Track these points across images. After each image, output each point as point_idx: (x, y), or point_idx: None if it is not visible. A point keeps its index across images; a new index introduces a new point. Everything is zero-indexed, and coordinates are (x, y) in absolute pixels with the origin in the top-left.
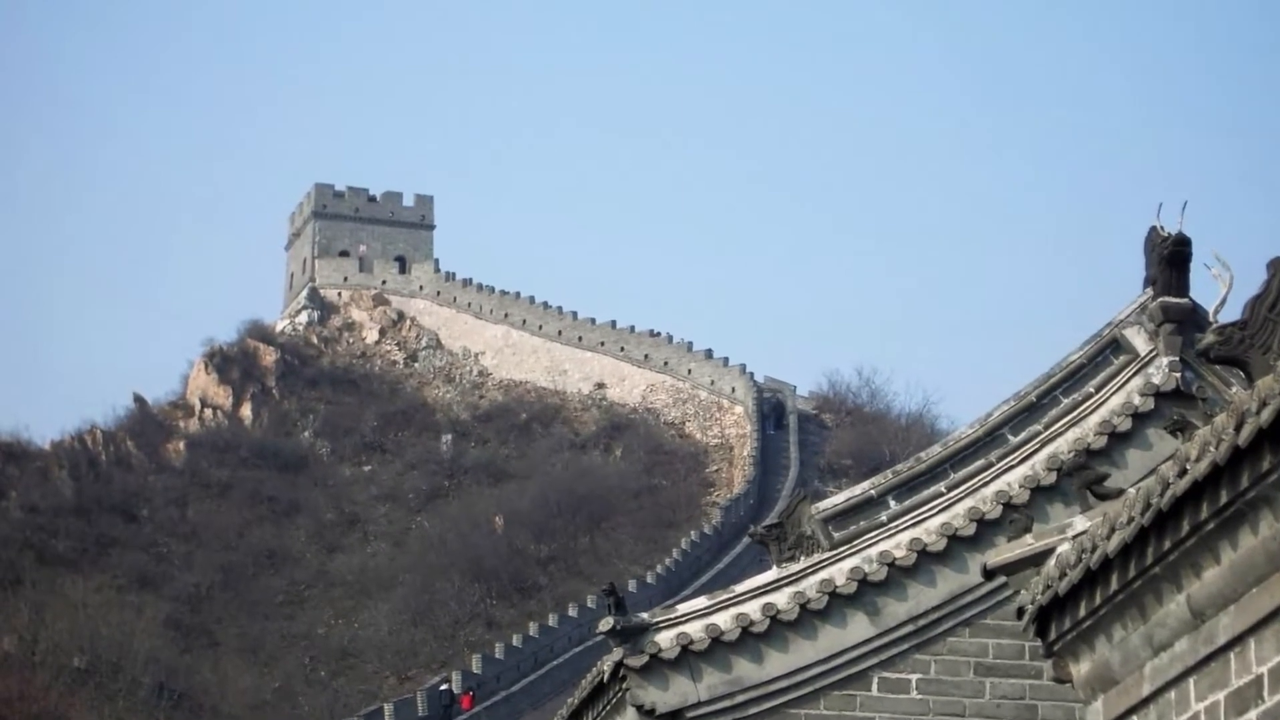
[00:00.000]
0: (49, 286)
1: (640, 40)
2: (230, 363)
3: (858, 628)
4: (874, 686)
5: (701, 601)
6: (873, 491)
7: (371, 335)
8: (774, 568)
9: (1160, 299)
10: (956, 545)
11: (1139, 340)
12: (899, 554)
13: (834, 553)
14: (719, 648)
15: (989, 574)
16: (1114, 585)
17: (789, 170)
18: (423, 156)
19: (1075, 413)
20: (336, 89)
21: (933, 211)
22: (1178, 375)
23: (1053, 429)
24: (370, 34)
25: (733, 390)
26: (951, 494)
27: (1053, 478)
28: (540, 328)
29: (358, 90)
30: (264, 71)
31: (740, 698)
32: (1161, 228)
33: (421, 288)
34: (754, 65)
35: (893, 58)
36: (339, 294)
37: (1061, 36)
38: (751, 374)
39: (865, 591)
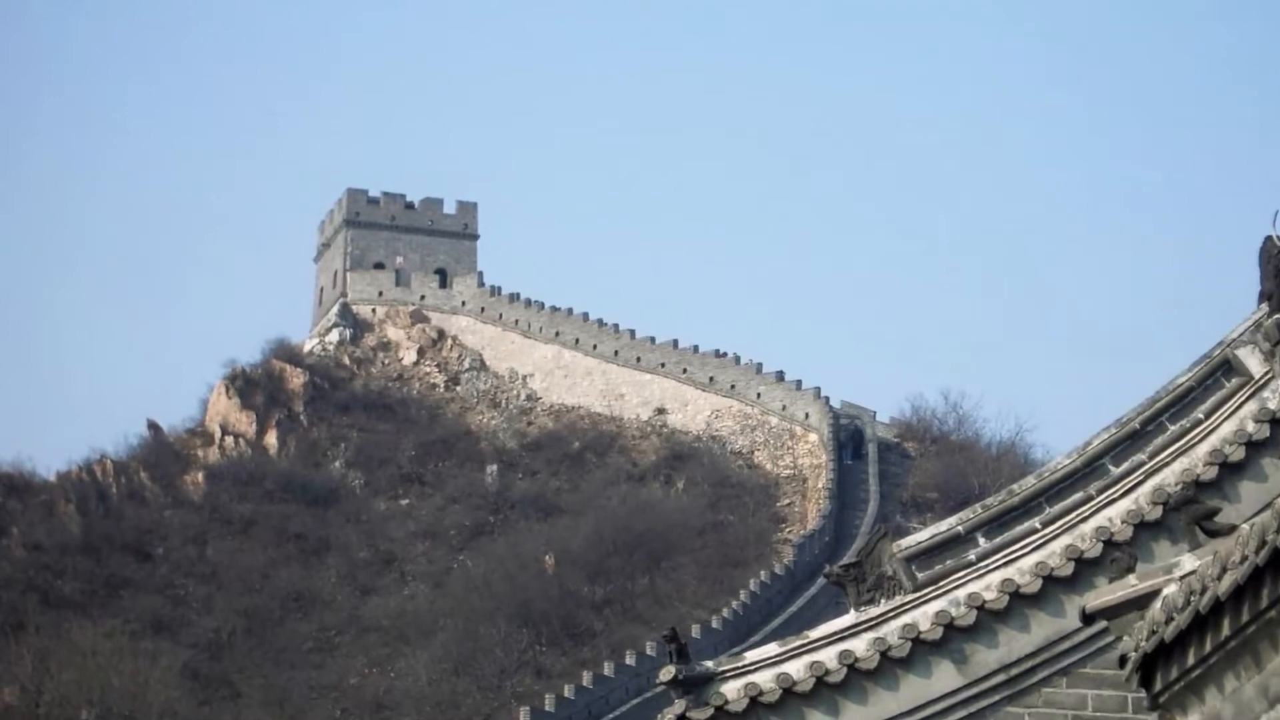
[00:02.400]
0: (55, 302)
1: (710, 38)
2: (254, 386)
3: (944, 677)
4: None
5: (772, 648)
6: (960, 528)
7: (409, 356)
8: (851, 611)
9: (1277, 315)
10: (1052, 587)
11: (1253, 361)
12: (989, 596)
13: (918, 595)
14: (791, 699)
15: (1088, 618)
16: (1226, 631)
17: (870, 181)
18: (465, 159)
19: (1183, 441)
20: (370, 86)
21: (1026, 223)
22: None
23: (1158, 459)
24: (406, 27)
25: (806, 416)
26: (1047, 530)
27: (1158, 512)
28: (595, 347)
29: (394, 87)
30: (291, 68)
31: None
32: (1277, 238)
33: (464, 303)
34: (831, 70)
35: (985, 63)
36: (373, 310)
37: (1164, 37)
38: (827, 398)
39: (952, 638)
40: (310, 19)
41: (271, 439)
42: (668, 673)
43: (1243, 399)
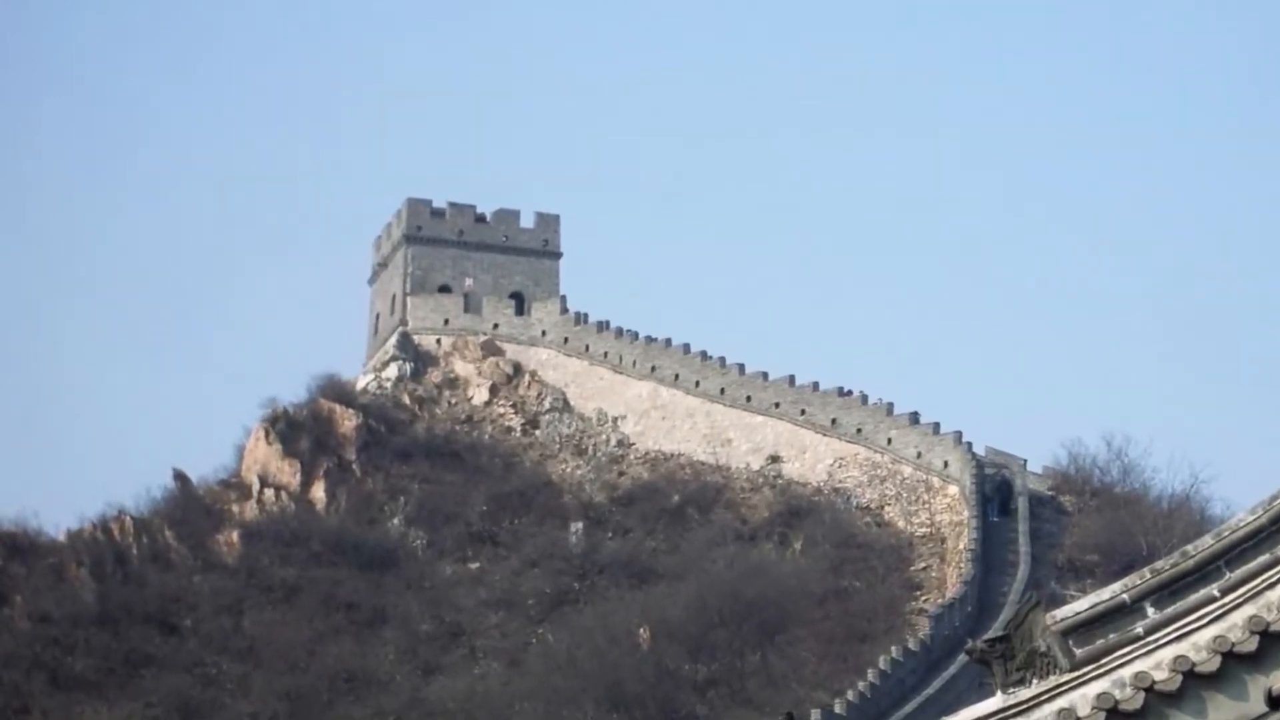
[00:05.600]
0: (65, 331)
1: (827, 31)
2: (298, 430)
3: None
4: None
5: None
6: (1125, 596)
7: (480, 394)
8: (998, 694)
9: None
10: (1233, 665)
11: None
12: (1159, 676)
13: (1076, 675)
14: None
15: (1275, 701)
16: None
17: (1016, 192)
18: (544, 164)
19: None
20: (432, 81)
21: (1203, 242)
22: None
23: None
24: (473, 18)
25: (945, 465)
26: (1227, 599)
27: None
28: (697, 385)
29: (459, 82)
30: (341, 63)
31: None
32: None
33: (544, 333)
34: (974, 60)
35: (1158, 53)
36: (438, 341)
37: None
38: (969, 444)
39: None
40: (363, 11)
41: (318, 492)
42: None
43: None
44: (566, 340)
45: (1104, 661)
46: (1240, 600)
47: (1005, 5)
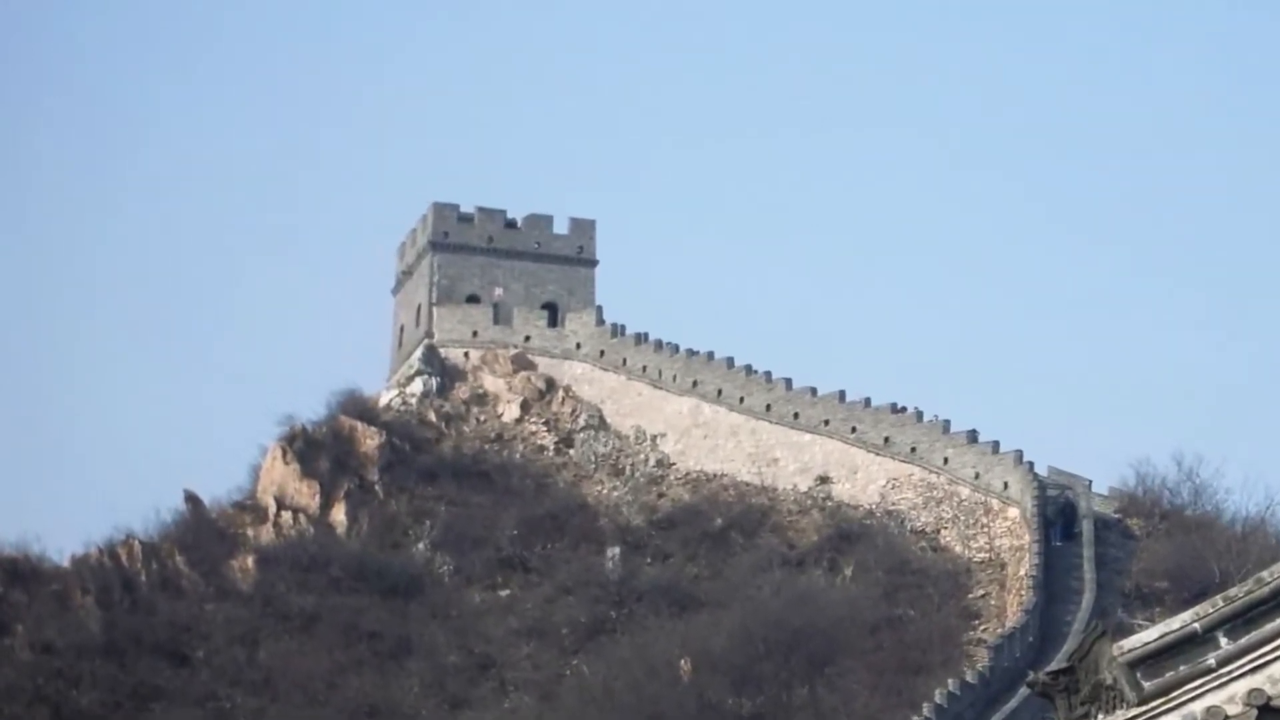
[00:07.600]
0: (70, 343)
1: (831, 26)
2: (317, 449)
3: None
4: None
5: None
6: (1197, 625)
7: (510, 411)
8: None
9: None
10: None
11: None
12: (1232, 711)
13: (1144, 709)
14: None
15: None
16: None
17: (1079, 193)
18: (579, 166)
19: None
20: (460, 76)
21: (1270, 243)
22: None
23: None
24: (473, 13)
25: (1005, 486)
26: None
27: None
28: (741, 401)
29: (489, 78)
30: (364, 58)
31: None
32: None
33: (579, 345)
34: (1017, 52)
35: (1228, 46)
36: (466, 354)
37: None
38: (1031, 464)
39: None
40: (378, 7)
41: (339, 514)
42: None
43: None
44: (603, 353)
45: (1174, 695)
46: None
47: (1005, 5)
